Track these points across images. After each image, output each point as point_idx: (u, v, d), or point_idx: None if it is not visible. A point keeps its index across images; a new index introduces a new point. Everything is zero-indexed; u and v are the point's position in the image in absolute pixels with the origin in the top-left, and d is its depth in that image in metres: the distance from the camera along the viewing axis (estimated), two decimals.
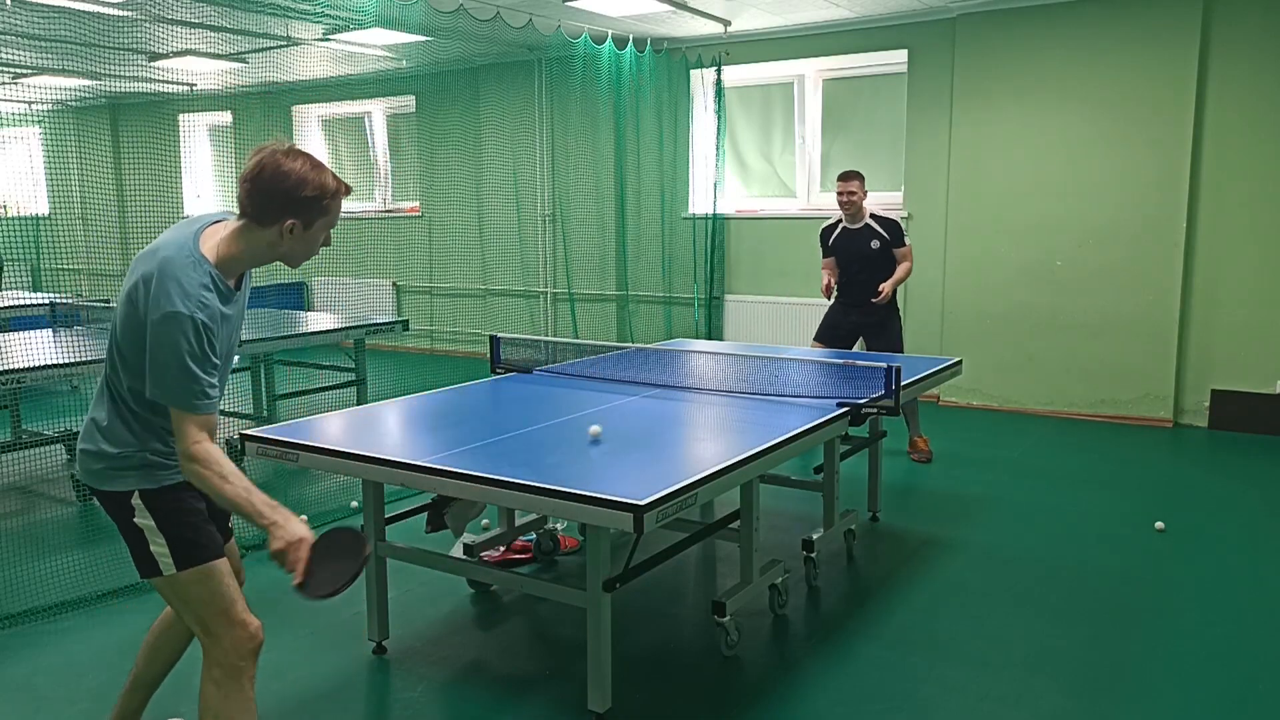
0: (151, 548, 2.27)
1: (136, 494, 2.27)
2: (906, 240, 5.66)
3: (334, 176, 2.26)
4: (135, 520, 2.27)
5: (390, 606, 3.42)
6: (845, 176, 5.54)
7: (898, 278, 5.54)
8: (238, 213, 2.26)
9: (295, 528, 2.16)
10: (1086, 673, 3.21)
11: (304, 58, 8.54)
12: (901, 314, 5.81)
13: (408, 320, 6.40)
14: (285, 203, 2.20)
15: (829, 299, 5.72)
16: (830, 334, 5.74)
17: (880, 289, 5.47)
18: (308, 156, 2.24)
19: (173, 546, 2.27)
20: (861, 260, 5.59)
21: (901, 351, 5.63)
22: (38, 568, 3.97)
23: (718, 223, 8.21)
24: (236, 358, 2.71)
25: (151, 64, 8.54)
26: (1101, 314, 6.74)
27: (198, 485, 2.20)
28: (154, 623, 2.69)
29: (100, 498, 2.32)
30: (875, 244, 5.55)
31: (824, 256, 5.73)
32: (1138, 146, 6.52)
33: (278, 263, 2.32)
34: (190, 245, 2.21)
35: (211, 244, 2.23)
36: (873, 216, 5.59)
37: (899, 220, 5.64)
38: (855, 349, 5.71)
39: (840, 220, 5.68)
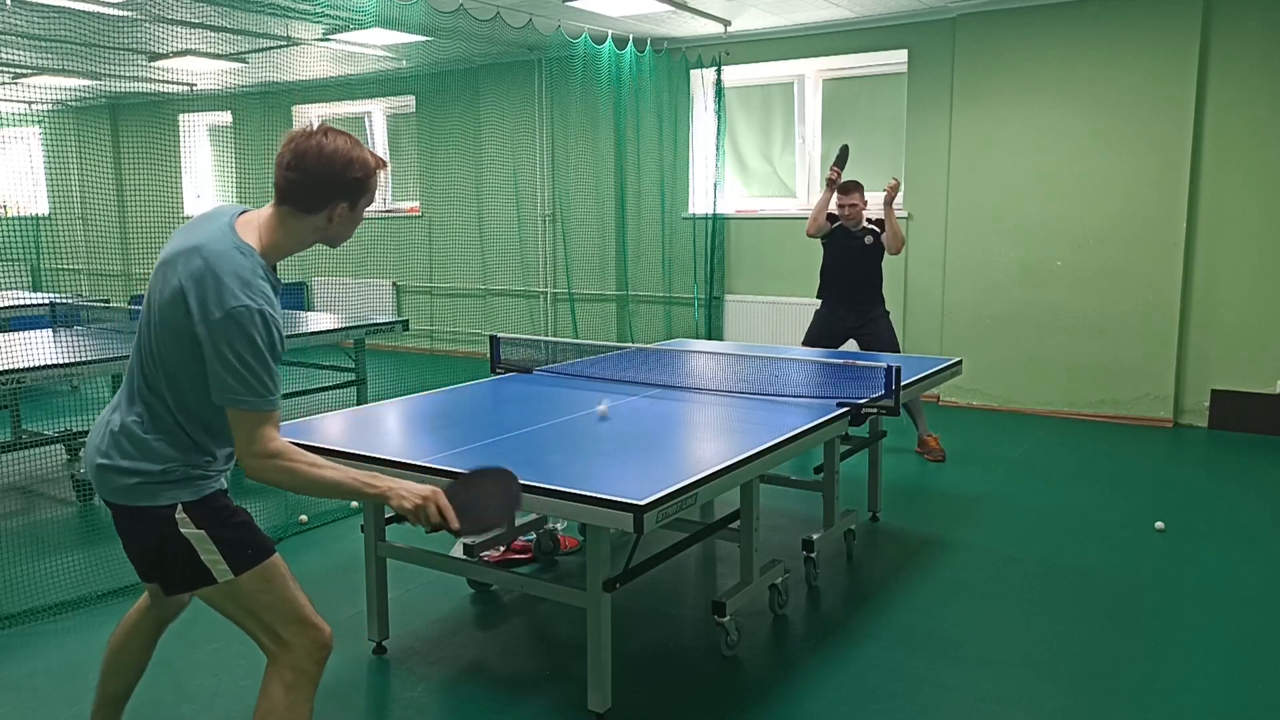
0: (203, 556, 2.12)
1: (180, 507, 2.12)
2: None
3: (371, 152, 2.18)
4: (181, 531, 2.11)
5: (390, 606, 3.42)
6: (846, 189, 5.68)
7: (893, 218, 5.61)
8: (274, 200, 2.15)
9: (413, 485, 2.13)
10: (1087, 673, 3.20)
11: (304, 58, 8.54)
12: (890, 312, 5.88)
13: (408, 320, 6.39)
14: (333, 186, 2.11)
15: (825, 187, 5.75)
16: (819, 339, 5.84)
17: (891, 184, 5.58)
18: (344, 134, 2.14)
19: (226, 551, 2.14)
20: (853, 255, 5.75)
21: (898, 348, 5.74)
22: (38, 568, 3.97)
23: (718, 223, 8.21)
24: None
25: (151, 64, 8.53)
26: (1101, 314, 6.74)
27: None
28: (111, 638, 2.53)
29: (129, 514, 2.14)
30: (869, 239, 5.74)
31: (824, 217, 5.77)
32: (1138, 146, 6.52)
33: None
34: (233, 236, 2.07)
35: (251, 234, 2.11)
36: (868, 219, 5.78)
37: None
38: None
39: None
